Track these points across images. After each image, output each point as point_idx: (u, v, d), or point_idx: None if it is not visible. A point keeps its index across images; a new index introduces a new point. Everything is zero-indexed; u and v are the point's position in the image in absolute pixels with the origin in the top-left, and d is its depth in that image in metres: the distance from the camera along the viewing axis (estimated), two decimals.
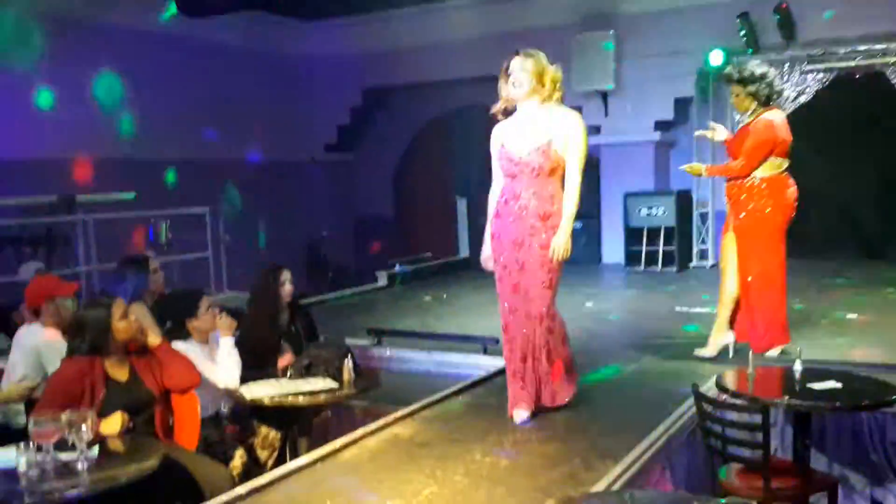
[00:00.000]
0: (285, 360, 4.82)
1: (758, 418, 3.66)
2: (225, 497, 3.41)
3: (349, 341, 5.25)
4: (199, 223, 9.19)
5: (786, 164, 5.40)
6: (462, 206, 11.16)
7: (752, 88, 5.40)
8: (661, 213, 9.89)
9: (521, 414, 4.28)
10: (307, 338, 5.11)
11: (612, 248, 10.70)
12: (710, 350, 5.58)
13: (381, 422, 4.23)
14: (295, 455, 4.57)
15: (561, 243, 4.14)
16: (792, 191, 5.43)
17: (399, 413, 4.35)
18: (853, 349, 5.59)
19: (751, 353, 4.30)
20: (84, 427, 3.26)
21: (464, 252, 11.15)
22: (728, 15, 9.83)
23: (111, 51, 9.35)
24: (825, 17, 9.52)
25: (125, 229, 8.77)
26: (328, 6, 11.95)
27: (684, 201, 10.34)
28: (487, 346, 5.70)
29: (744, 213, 5.41)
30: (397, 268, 9.78)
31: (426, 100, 12.84)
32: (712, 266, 10.35)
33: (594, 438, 3.95)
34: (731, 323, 5.58)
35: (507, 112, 4.37)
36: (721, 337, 5.59)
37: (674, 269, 9.99)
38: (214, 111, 10.94)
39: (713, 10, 9.99)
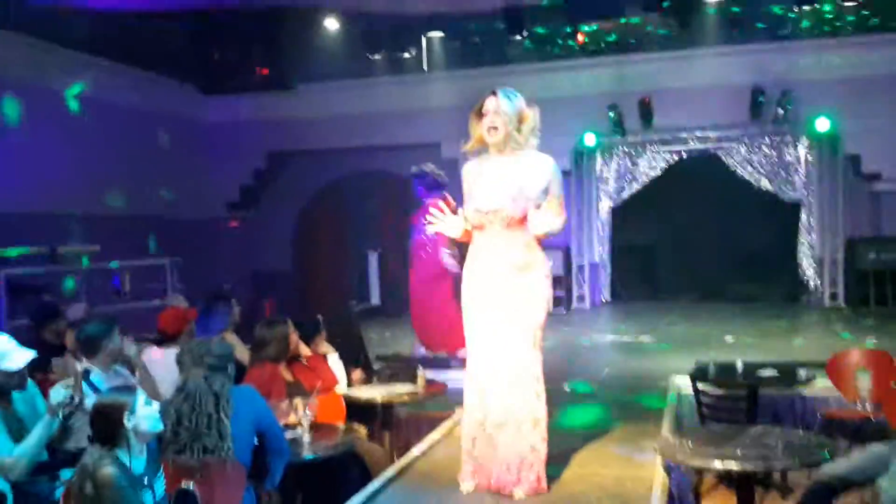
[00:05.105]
0: (357, 373, 6.02)
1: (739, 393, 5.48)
2: (406, 459, 4.64)
3: None
4: (156, 273, 9.88)
5: None
6: (373, 258, 12.49)
7: (427, 180, 7.79)
8: (551, 264, 11.75)
9: (468, 485, 4.03)
10: (365, 357, 6.36)
11: None
12: None
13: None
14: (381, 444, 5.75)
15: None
16: None
17: None
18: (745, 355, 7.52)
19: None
20: (307, 410, 4.43)
21: (375, 300, 12.46)
22: (599, 104, 12.05)
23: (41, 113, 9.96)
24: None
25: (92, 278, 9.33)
26: (235, 83, 13.08)
27: (566, 255, 12.34)
28: None
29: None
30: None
31: (325, 164, 14.10)
32: (590, 308, 12.45)
33: (625, 415, 5.49)
34: None
35: (477, 151, 4.14)
36: None
37: (563, 310, 11.90)
38: (131, 171, 11.62)
39: (587, 100, 12.16)
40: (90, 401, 4.04)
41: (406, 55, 11.78)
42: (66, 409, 3.76)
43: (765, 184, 11.98)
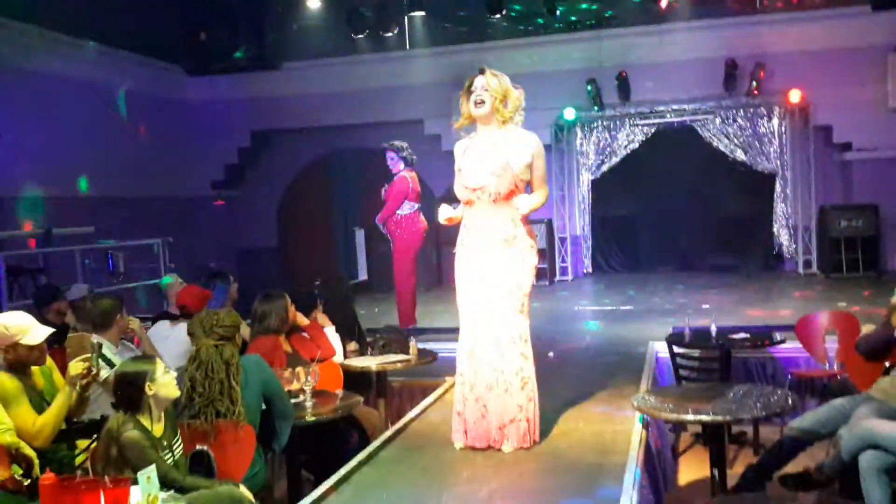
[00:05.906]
0: (351, 345, 6.29)
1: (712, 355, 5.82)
2: (408, 417, 4.95)
3: None
4: (147, 253, 10.08)
5: (416, 206, 8.09)
6: (360, 236, 12.74)
7: (403, 154, 8.10)
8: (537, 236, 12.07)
9: (461, 442, 4.35)
10: (358, 329, 6.62)
11: None
12: None
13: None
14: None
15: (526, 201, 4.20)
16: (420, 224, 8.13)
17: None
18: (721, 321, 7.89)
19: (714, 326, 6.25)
20: (310, 378, 4.70)
21: (362, 276, 12.73)
22: (578, 79, 12.32)
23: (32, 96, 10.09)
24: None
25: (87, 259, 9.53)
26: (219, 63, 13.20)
27: (549, 228, 12.63)
28: None
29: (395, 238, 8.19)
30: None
31: (310, 142, 14.27)
32: (573, 279, 12.79)
33: (606, 378, 5.83)
34: None
35: (467, 130, 4.41)
36: None
37: (545, 282, 12.21)
38: (117, 152, 11.75)
39: (566, 75, 12.43)
40: (104, 373, 4.31)
41: (388, 34, 11.94)
42: (83, 380, 4.00)
43: (740, 155, 12.30)
